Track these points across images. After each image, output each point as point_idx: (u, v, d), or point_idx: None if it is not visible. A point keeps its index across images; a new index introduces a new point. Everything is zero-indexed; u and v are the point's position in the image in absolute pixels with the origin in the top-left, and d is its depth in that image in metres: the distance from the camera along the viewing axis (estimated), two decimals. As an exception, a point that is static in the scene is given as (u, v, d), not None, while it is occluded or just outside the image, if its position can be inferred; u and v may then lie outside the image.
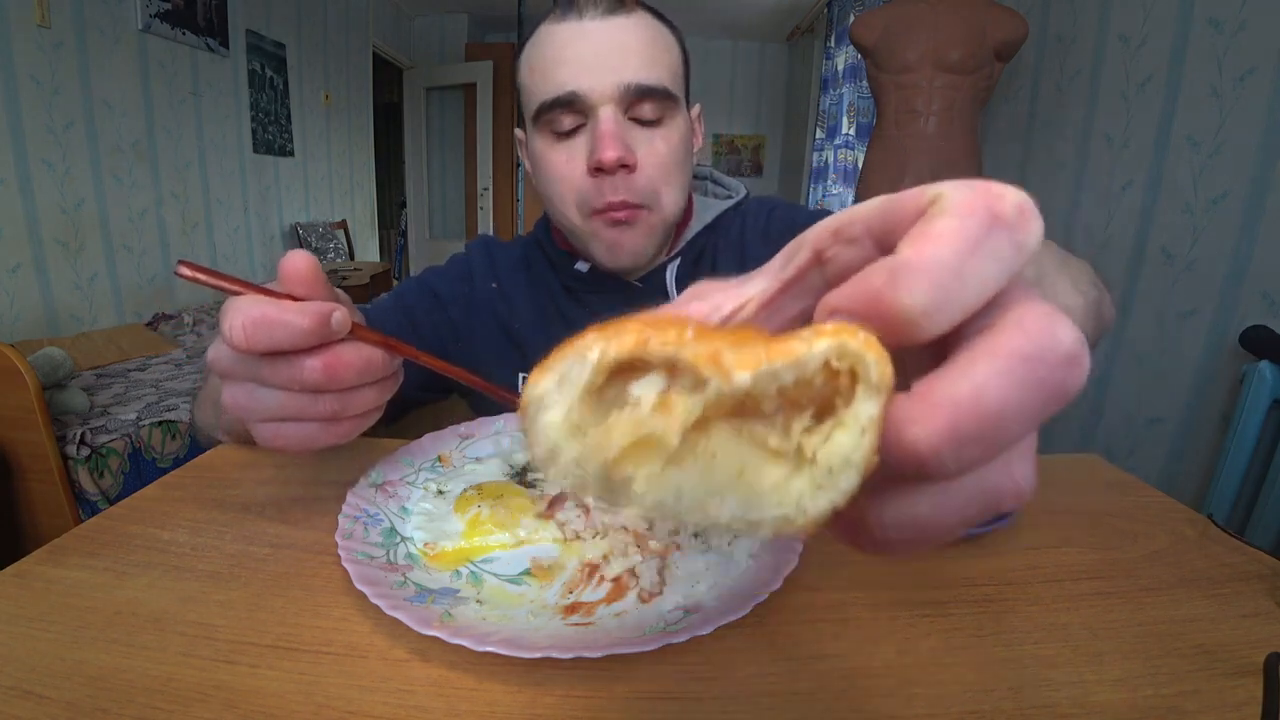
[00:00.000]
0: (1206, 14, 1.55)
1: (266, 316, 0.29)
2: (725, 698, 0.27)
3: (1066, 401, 0.12)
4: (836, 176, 3.87)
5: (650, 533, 0.37)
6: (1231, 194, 1.49)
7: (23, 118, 2.00)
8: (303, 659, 0.29)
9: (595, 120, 0.55)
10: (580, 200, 0.57)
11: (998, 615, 0.33)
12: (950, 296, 0.12)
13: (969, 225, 0.12)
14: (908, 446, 0.12)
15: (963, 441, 0.11)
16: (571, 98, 0.55)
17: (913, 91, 2.08)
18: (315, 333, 0.30)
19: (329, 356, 0.31)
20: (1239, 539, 0.41)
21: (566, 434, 0.13)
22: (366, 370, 0.32)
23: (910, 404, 0.12)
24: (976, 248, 0.12)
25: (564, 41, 0.55)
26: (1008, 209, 0.12)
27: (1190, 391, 1.59)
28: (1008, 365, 0.11)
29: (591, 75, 0.54)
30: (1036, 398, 0.12)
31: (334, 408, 0.32)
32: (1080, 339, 0.12)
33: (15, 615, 0.31)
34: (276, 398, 0.32)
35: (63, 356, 1.60)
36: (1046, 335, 0.12)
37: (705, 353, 0.12)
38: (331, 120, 4.09)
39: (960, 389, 0.11)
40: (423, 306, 0.68)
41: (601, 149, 0.54)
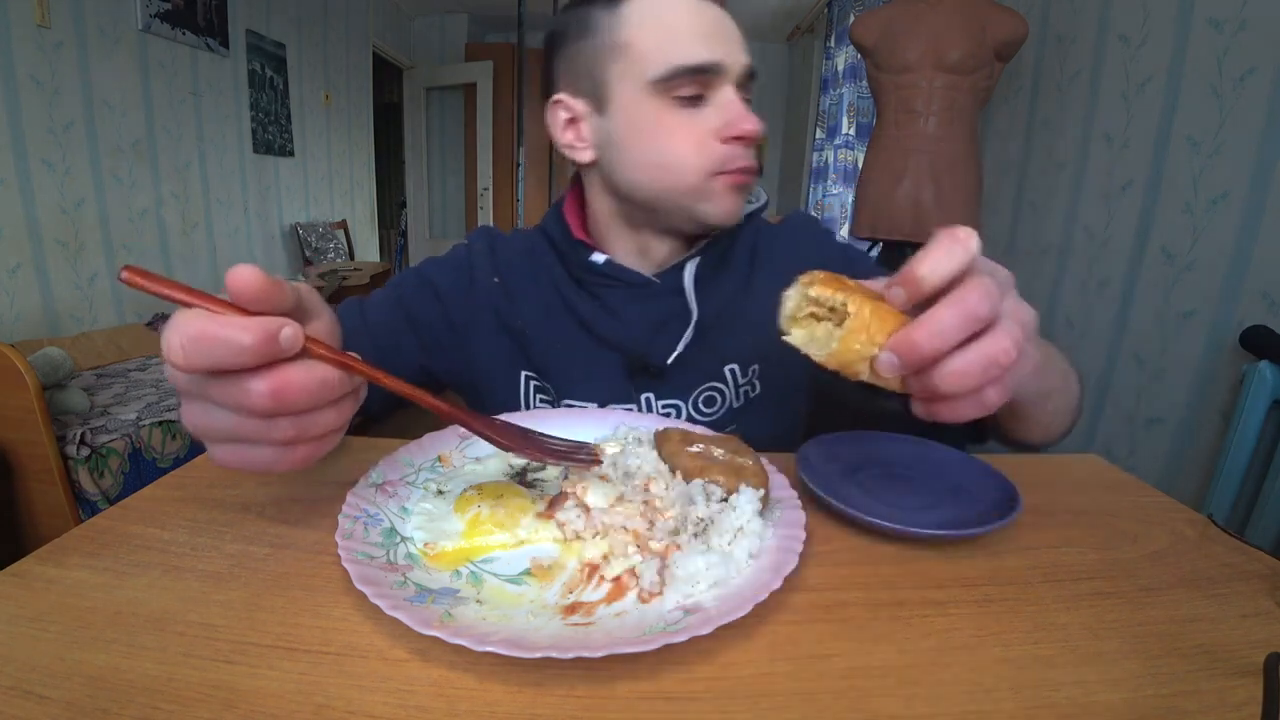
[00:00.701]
0: (1206, 14, 1.55)
1: (205, 333, 0.27)
2: (725, 698, 0.27)
3: (980, 324, 0.30)
4: (836, 176, 3.87)
5: (650, 533, 0.37)
6: (1231, 194, 1.49)
7: (23, 118, 2.00)
8: (303, 659, 0.29)
9: (723, 95, 0.57)
10: (712, 163, 0.58)
11: (998, 615, 0.33)
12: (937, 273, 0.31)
13: (941, 242, 0.31)
14: (912, 342, 0.30)
15: (930, 338, 0.30)
16: (713, 67, 0.56)
17: (913, 91, 2.08)
18: (259, 351, 0.27)
19: (276, 379, 0.28)
20: (1239, 539, 0.41)
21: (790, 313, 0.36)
22: (320, 392, 0.30)
23: (911, 326, 0.31)
24: (946, 253, 0.31)
25: (695, 13, 0.57)
26: (960, 234, 0.31)
27: (1190, 391, 1.59)
28: (951, 309, 0.30)
29: (729, 50, 0.57)
30: (962, 321, 0.30)
31: (289, 433, 0.30)
32: (987, 292, 0.30)
33: (15, 615, 0.31)
34: (229, 419, 0.30)
35: (63, 356, 1.60)
36: (975, 295, 0.30)
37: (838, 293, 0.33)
38: (331, 120, 4.09)
39: (930, 318, 0.30)
40: (420, 300, 0.67)
41: (746, 120, 0.57)
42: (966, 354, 0.30)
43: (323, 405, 0.31)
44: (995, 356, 0.30)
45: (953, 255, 0.31)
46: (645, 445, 0.46)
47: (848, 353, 0.32)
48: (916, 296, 0.31)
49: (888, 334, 0.31)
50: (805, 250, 0.69)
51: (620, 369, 0.64)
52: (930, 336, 0.30)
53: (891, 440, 0.52)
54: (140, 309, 2.52)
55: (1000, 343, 0.30)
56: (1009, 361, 0.30)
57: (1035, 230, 2.20)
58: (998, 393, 0.32)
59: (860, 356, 0.32)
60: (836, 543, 0.40)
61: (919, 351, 0.30)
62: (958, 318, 0.30)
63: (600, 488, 0.40)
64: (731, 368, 0.65)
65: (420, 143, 5.32)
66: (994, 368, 0.30)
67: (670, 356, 0.62)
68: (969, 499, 0.44)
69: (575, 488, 0.40)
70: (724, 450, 0.43)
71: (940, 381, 0.30)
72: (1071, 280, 2.01)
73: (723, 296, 0.65)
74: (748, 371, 0.66)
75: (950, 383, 0.30)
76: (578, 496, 0.40)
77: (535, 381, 0.66)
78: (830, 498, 0.41)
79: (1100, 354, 1.85)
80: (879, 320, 0.31)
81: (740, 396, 0.66)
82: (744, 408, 0.66)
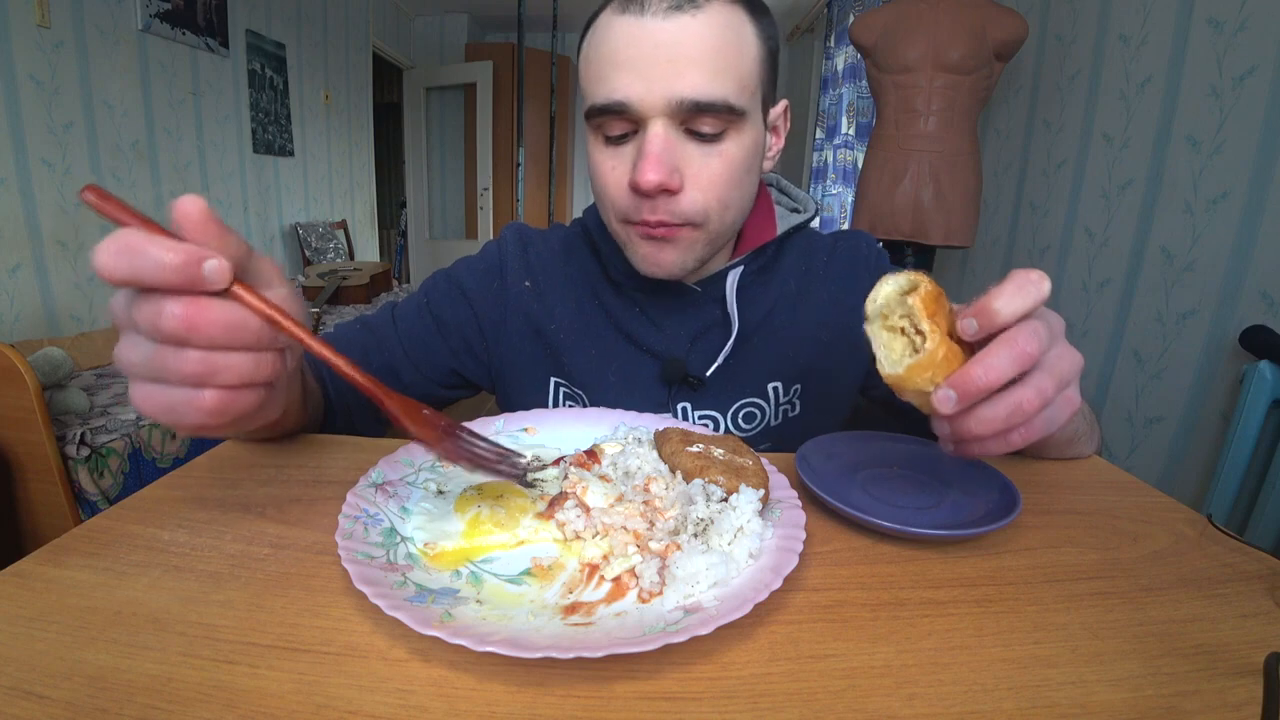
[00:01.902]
0: (1206, 14, 1.55)
1: (133, 245, 0.27)
2: (725, 698, 0.27)
3: (1030, 364, 0.33)
4: (836, 176, 3.87)
5: (650, 533, 0.37)
6: (1231, 194, 1.49)
7: (23, 118, 2.00)
8: (303, 659, 0.29)
9: (644, 134, 0.51)
10: (620, 210, 0.55)
11: (998, 615, 0.33)
12: (1011, 309, 0.33)
13: (1014, 281, 0.34)
14: (969, 379, 0.33)
15: (985, 374, 0.32)
16: (619, 107, 0.51)
17: (913, 91, 2.08)
18: (180, 271, 0.27)
19: (191, 304, 0.28)
20: (1238, 539, 0.41)
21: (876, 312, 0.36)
22: (233, 330, 0.29)
23: (969, 367, 0.33)
24: (1020, 291, 0.33)
25: (620, 40, 0.51)
26: (1034, 275, 0.33)
27: (1190, 391, 1.60)
28: (1004, 348, 0.33)
29: (644, 84, 0.49)
30: (1013, 361, 0.32)
31: (197, 368, 0.29)
32: (1035, 334, 0.33)
33: (15, 615, 0.31)
34: (146, 348, 0.30)
35: (63, 356, 1.60)
36: (1024, 336, 0.33)
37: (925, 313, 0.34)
38: (331, 120, 4.09)
39: (986, 358, 0.33)
40: (449, 303, 0.66)
41: (641, 171, 0.50)
42: (996, 403, 0.33)
43: (237, 348, 0.30)
44: (1020, 403, 0.33)
45: (1025, 294, 0.33)
46: (645, 445, 0.46)
47: (909, 381, 0.34)
48: (988, 329, 0.33)
49: (947, 374, 0.33)
50: (861, 275, 0.66)
51: (657, 378, 0.62)
52: (985, 372, 0.32)
53: (891, 440, 0.52)
54: (140, 309, 2.52)
55: (1025, 392, 0.33)
56: (1032, 409, 0.33)
57: (1035, 230, 2.20)
58: (1022, 435, 0.34)
59: (917, 388, 0.34)
60: (836, 543, 0.40)
61: (975, 387, 0.32)
62: (1009, 358, 0.32)
63: (600, 488, 0.40)
64: (775, 385, 0.63)
65: (420, 143, 5.32)
66: (1018, 415, 0.33)
67: (710, 369, 0.61)
68: (969, 499, 0.44)
69: (575, 487, 0.40)
70: (724, 450, 0.43)
71: (973, 424, 0.33)
72: (1071, 280, 2.01)
73: (766, 306, 0.63)
74: (789, 390, 0.64)
75: (980, 426, 0.33)
76: (578, 496, 0.40)
77: (565, 388, 0.65)
78: (830, 498, 0.41)
79: (1100, 354, 1.85)
80: (946, 362, 0.34)
81: (779, 415, 0.64)
82: (781, 426, 0.64)
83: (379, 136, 4.86)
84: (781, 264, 0.65)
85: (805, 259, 0.66)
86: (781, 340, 0.63)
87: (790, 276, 0.65)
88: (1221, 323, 1.51)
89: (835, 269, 0.66)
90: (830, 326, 0.65)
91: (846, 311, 0.65)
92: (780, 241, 0.64)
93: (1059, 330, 0.36)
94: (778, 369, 0.63)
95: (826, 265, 0.66)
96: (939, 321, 0.34)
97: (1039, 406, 0.33)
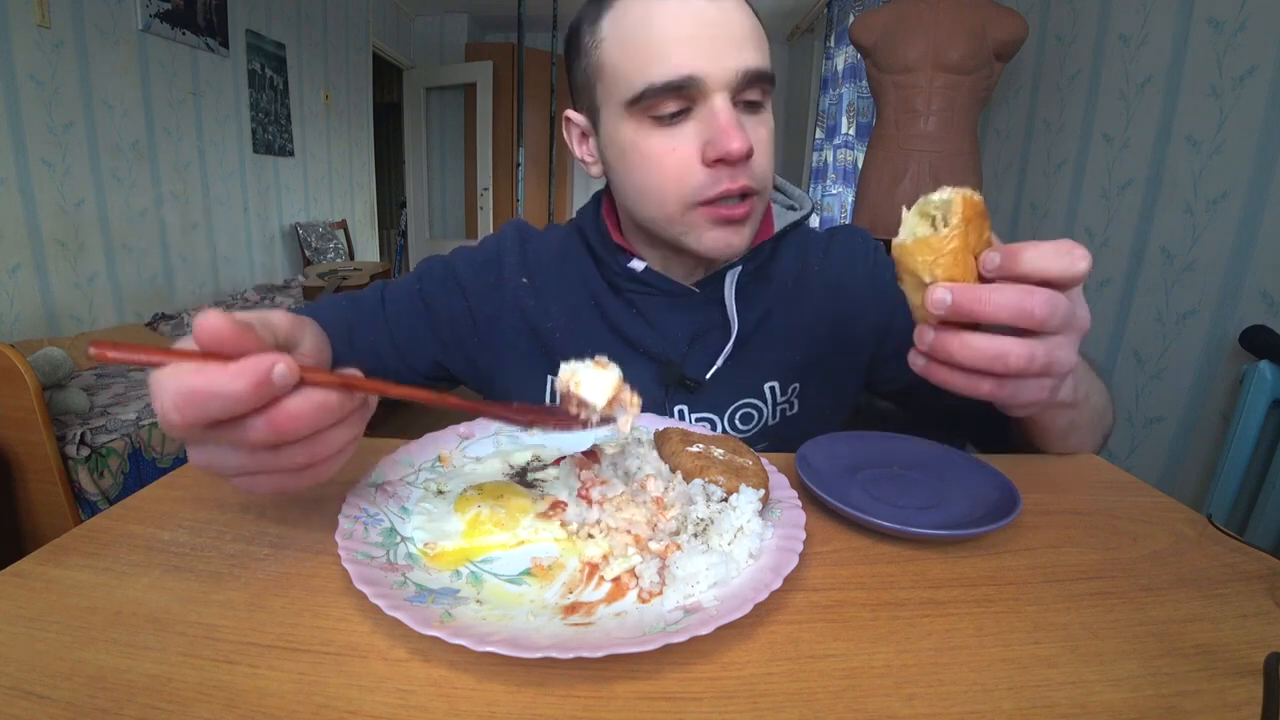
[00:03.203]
0: (1206, 14, 1.55)
1: (195, 391, 0.26)
2: (725, 698, 0.27)
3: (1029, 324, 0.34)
4: (836, 176, 3.87)
5: (650, 533, 0.37)
6: (1231, 194, 1.49)
7: (23, 118, 2.00)
8: (303, 659, 0.29)
9: (709, 108, 0.51)
10: (690, 191, 0.53)
11: (998, 615, 0.33)
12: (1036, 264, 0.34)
13: (1057, 245, 0.35)
14: (971, 294, 0.34)
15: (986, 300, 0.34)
16: (687, 82, 0.50)
17: (913, 91, 2.08)
18: (254, 396, 0.26)
19: (275, 414, 0.28)
20: (1238, 539, 0.41)
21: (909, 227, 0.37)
22: (321, 417, 0.29)
23: (979, 285, 0.34)
24: (1055, 253, 0.34)
25: (672, 18, 0.50)
26: (1078, 249, 0.34)
27: (1190, 391, 1.60)
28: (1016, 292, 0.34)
29: (709, 58, 0.50)
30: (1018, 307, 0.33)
31: (301, 459, 0.30)
32: (1052, 305, 0.34)
33: (15, 615, 0.31)
34: (237, 457, 0.29)
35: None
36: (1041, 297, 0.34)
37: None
38: (331, 120, 4.09)
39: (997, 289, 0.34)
40: (442, 293, 0.65)
41: (728, 139, 0.50)
42: (987, 337, 0.33)
43: (329, 426, 0.30)
44: (1005, 353, 0.33)
45: (1057, 260, 0.33)
46: (645, 445, 0.46)
47: (910, 256, 0.36)
48: (1007, 271, 0.34)
49: (945, 272, 0.34)
50: (858, 268, 0.65)
51: (654, 379, 0.61)
52: (986, 300, 0.33)
53: (891, 440, 0.52)
54: (140, 309, 2.52)
55: (1018, 347, 0.33)
56: (1014, 366, 0.33)
57: (1035, 230, 2.20)
58: (992, 388, 0.35)
59: (913, 268, 0.36)
60: (836, 543, 0.40)
61: (970, 305, 0.33)
62: (1015, 304, 0.33)
63: (600, 488, 0.40)
64: (771, 385, 0.63)
65: (420, 143, 5.32)
66: (999, 362, 0.33)
67: (709, 371, 0.60)
68: (969, 499, 0.44)
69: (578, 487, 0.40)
70: (724, 450, 0.43)
71: (956, 345, 0.34)
72: (1071, 280, 2.01)
73: (764, 307, 0.63)
74: (787, 390, 0.63)
75: (961, 350, 0.34)
76: (583, 491, 0.40)
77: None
78: (830, 498, 0.41)
79: (1100, 354, 1.85)
80: (952, 258, 0.34)
81: (777, 415, 0.63)
82: (779, 426, 0.64)
83: (379, 136, 4.86)
84: (778, 262, 0.64)
85: (801, 257, 0.66)
86: (779, 340, 0.63)
87: (787, 275, 0.64)
88: (1221, 323, 1.51)
89: (832, 264, 0.66)
90: (828, 320, 0.64)
91: (845, 302, 0.64)
92: (776, 239, 0.64)
93: (1079, 326, 0.37)
94: (775, 369, 0.63)
95: (823, 261, 0.66)
96: (971, 227, 0.35)
97: (1021, 367, 0.34)
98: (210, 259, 2.96)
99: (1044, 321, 0.33)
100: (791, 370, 0.63)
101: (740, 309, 0.61)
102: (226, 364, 0.26)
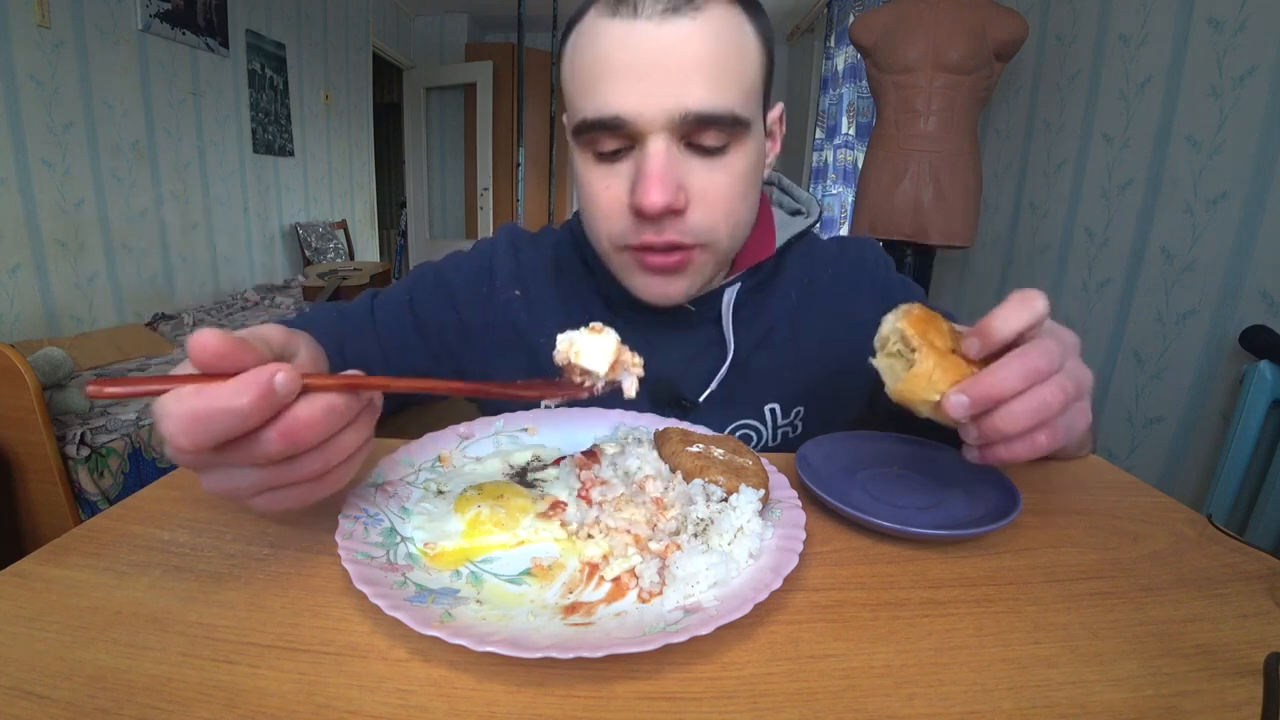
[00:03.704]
0: (1206, 14, 1.55)
1: (198, 412, 0.26)
2: (725, 697, 0.27)
3: (1040, 377, 0.35)
4: (836, 176, 3.87)
5: (650, 533, 0.37)
6: (1231, 194, 1.49)
7: (23, 118, 2.00)
8: (303, 659, 0.29)
9: (643, 151, 0.46)
10: (617, 234, 0.50)
11: (998, 615, 0.33)
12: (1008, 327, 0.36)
13: (1012, 301, 0.36)
14: (981, 387, 0.35)
15: (997, 383, 0.34)
16: (616, 122, 0.46)
17: (913, 91, 2.08)
18: (260, 409, 0.26)
19: (285, 424, 0.28)
20: (1238, 539, 0.41)
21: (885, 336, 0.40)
22: (332, 420, 0.29)
23: (983, 374, 0.35)
24: (1015, 310, 0.36)
25: (612, 46, 0.45)
26: (1030, 295, 0.36)
27: (1190, 391, 1.60)
28: (1016, 361, 0.35)
29: (643, 97, 0.45)
30: (1024, 373, 0.34)
31: (315, 468, 0.30)
32: (1047, 351, 0.35)
33: (15, 615, 0.31)
34: (252, 475, 0.29)
35: (63, 356, 1.59)
36: (1036, 352, 0.35)
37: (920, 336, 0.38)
38: (331, 120, 4.09)
39: (998, 368, 0.35)
40: (433, 303, 0.63)
41: (645, 191, 0.45)
42: (1023, 399, 0.35)
43: (339, 430, 0.31)
44: (1045, 399, 0.35)
45: (1021, 313, 0.36)
46: (645, 445, 0.46)
47: (910, 393, 0.37)
48: (989, 346, 0.36)
49: (951, 382, 0.36)
50: (867, 284, 0.63)
51: (647, 399, 0.59)
52: (997, 382, 0.34)
53: (891, 440, 0.52)
54: (140, 309, 2.52)
55: (1049, 389, 0.35)
56: (1056, 405, 0.35)
57: (1035, 230, 2.20)
58: (1048, 437, 0.35)
59: (921, 399, 0.37)
60: (836, 543, 0.40)
61: (986, 393, 0.35)
62: (1020, 369, 0.34)
63: (600, 488, 0.40)
64: (772, 407, 0.60)
65: (420, 143, 5.32)
66: (1044, 410, 0.35)
67: (703, 394, 0.58)
68: (969, 499, 0.44)
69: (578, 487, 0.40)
70: (724, 450, 0.43)
71: (1000, 421, 0.35)
72: (1071, 280, 2.01)
73: (766, 323, 0.60)
74: (790, 413, 0.61)
75: (1007, 422, 0.35)
76: (583, 491, 0.40)
77: (550, 405, 0.63)
78: (830, 498, 0.41)
79: (1100, 354, 1.85)
80: (942, 371, 0.36)
81: (778, 437, 0.61)
82: (780, 449, 0.61)
83: (379, 136, 4.86)
84: (782, 276, 0.61)
85: (808, 269, 0.62)
86: (781, 358, 0.60)
87: (792, 288, 0.61)
88: (1221, 323, 1.51)
89: (842, 282, 0.63)
90: (836, 343, 0.61)
91: (853, 320, 0.61)
92: (780, 252, 0.60)
93: (1073, 348, 0.38)
94: (776, 390, 0.60)
95: (832, 278, 0.63)
96: (931, 338, 0.38)
97: (1062, 403, 0.35)
98: (210, 259, 2.96)
99: (1051, 365, 0.35)
100: (795, 390, 0.61)
101: (739, 328, 0.59)
102: (226, 381, 0.26)
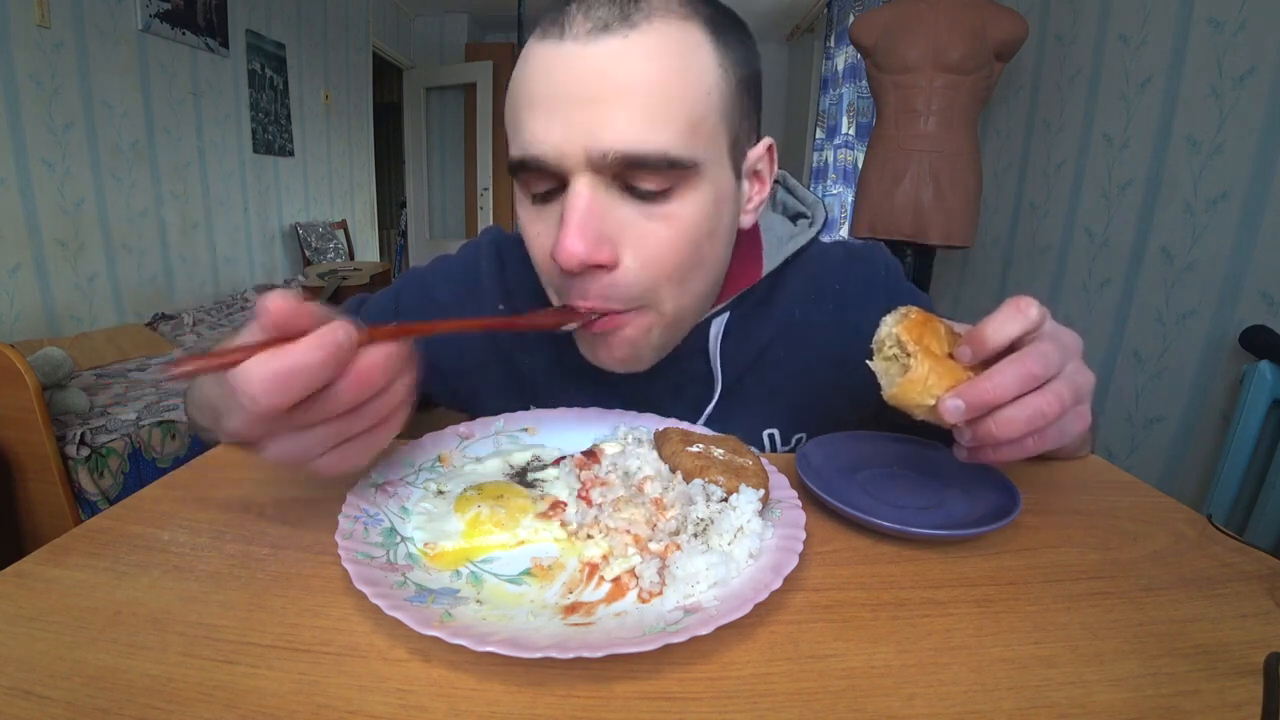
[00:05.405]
0: (1206, 14, 1.55)
1: (280, 372, 0.27)
2: (725, 697, 0.27)
3: (1035, 382, 0.35)
4: (836, 176, 3.87)
5: (650, 533, 0.37)
6: (1231, 194, 1.49)
7: (23, 118, 2.00)
8: (303, 659, 0.29)
9: (568, 192, 0.40)
10: (550, 282, 0.47)
11: (998, 615, 0.33)
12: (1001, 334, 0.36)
13: (1006, 309, 0.36)
14: (977, 392, 0.35)
15: (992, 389, 0.35)
16: (535, 163, 0.40)
17: (913, 91, 2.08)
18: (332, 362, 0.28)
19: (356, 373, 0.29)
20: (1238, 539, 0.41)
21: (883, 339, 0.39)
22: (392, 365, 0.31)
23: (979, 379, 0.35)
24: (1008, 318, 0.36)
25: (536, 74, 0.40)
26: (1023, 303, 0.36)
27: (1190, 391, 1.60)
28: (1012, 366, 0.35)
29: (561, 131, 0.39)
30: (1019, 378, 0.34)
31: (381, 411, 0.32)
32: (1043, 356, 0.35)
33: (15, 615, 0.31)
34: (321, 434, 0.30)
35: (63, 356, 1.60)
36: (1032, 358, 0.35)
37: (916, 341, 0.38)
38: (331, 120, 4.09)
39: (994, 374, 0.35)
40: (419, 317, 0.60)
41: (560, 243, 0.39)
42: (1017, 406, 0.35)
43: (396, 377, 0.32)
44: (1041, 408, 0.35)
45: (1014, 321, 0.36)
46: (645, 445, 0.46)
47: (905, 397, 0.38)
48: (982, 354, 0.37)
49: (946, 387, 0.36)
50: (877, 297, 0.56)
51: None
52: (993, 388, 0.35)
53: (891, 440, 0.52)
54: (140, 309, 2.52)
55: (1046, 398, 0.35)
56: (1052, 414, 0.35)
57: (1035, 230, 2.20)
58: (1036, 442, 0.36)
59: (916, 403, 0.38)
60: (836, 543, 0.40)
61: (981, 399, 0.35)
62: (1016, 376, 0.35)
63: (600, 488, 0.40)
64: (770, 432, 0.57)
65: (420, 143, 5.33)
66: (1039, 418, 0.35)
67: (696, 424, 0.53)
68: (969, 499, 0.44)
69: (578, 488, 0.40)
70: (724, 450, 0.43)
71: (995, 426, 0.35)
72: (1071, 280, 2.01)
73: (761, 344, 0.56)
74: (790, 440, 0.58)
75: (1002, 428, 0.35)
76: (583, 492, 0.40)
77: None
78: (830, 498, 0.41)
79: (1100, 354, 1.85)
80: (937, 376, 0.37)
81: None
82: None
83: (379, 136, 4.86)
84: (782, 294, 0.57)
85: (814, 280, 0.57)
86: (780, 377, 0.57)
87: (795, 304, 0.57)
88: (1221, 323, 1.51)
89: (850, 295, 0.58)
90: (844, 360, 0.54)
91: (858, 335, 0.55)
92: (781, 267, 0.56)
93: (1075, 350, 0.38)
94: (775, 413, 0.57)
95: (839, 291, 0.58)
96: (927, 343, 0.38)
97: (1058, 412, 0.35)
98: (210, 259, 2.96)
99: (1047, 371, 0.35)
100: (796, 414, 0.58)
101: (730, 356, 0.55)
102: (297, 342, 0.28)
